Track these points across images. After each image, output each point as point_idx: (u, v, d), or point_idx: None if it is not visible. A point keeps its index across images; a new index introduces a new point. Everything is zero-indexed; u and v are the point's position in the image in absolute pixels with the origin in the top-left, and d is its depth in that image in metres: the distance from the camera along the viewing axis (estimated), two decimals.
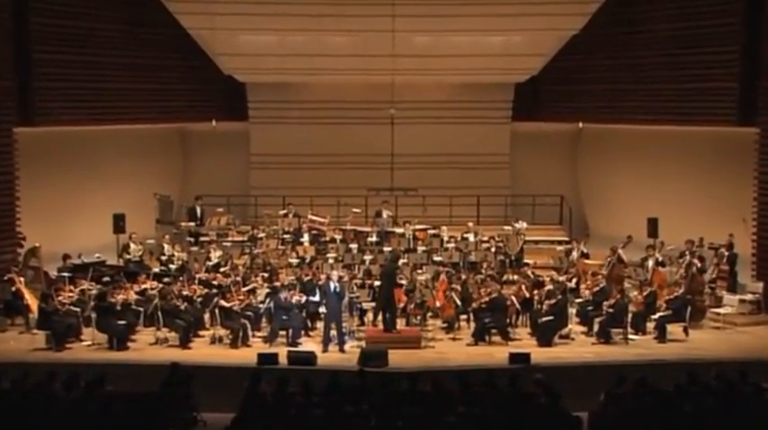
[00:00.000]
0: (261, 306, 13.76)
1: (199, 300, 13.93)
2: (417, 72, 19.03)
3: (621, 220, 18.54)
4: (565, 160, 21.49)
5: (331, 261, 15.53)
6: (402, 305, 13.94)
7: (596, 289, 14.08)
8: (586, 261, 15.91)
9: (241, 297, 13.54)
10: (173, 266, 15.76)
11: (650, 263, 15.16)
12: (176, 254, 16.05)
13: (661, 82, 17.88)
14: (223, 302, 13.24)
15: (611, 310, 13.29)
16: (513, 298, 13.83)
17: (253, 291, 14.07)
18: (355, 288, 14.13)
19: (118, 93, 18.24)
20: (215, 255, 16.06)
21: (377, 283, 13.81)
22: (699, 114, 16.99)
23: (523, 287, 14.08)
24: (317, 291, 13.87)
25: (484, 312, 13.44)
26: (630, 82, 18.61)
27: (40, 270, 14.94)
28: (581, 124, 20.37)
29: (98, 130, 18.09)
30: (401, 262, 15.32)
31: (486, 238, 16.90)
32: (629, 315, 13.54)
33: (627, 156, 19.60)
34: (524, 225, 17.18)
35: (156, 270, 15.50)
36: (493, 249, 16.41)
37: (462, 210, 19.41)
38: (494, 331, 13.35)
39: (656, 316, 13.60)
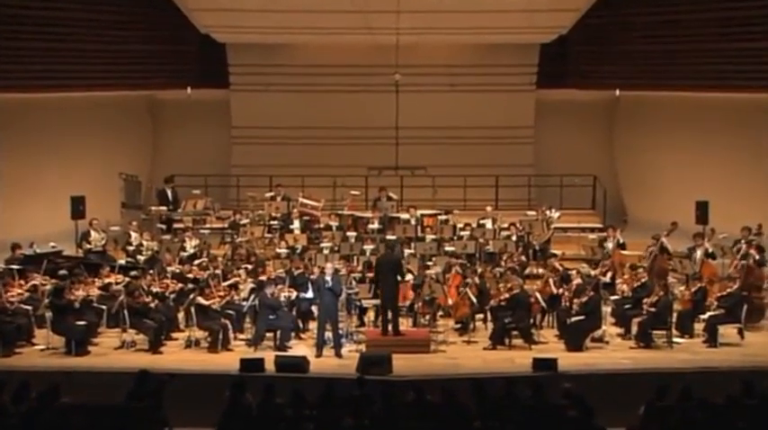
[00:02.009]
0: (244, 303, 13.75)
1: (172, 296, 13.92)
2: (426, 31, 18.94)
3: (665, 204, 18.49)
4: (598, 134, 21.43)
5: (326, 251, 15.53)
6: (408, 302, 13.91)
7: (635, 284, 14.03)
8: (623, 252, 15.86)
9: (221, 293, 13.53)
10: (141, 257, 15.76)
11: (699, 253, 15.10)
12: (145, 243, 16.04)
13: (712, 41, 17.74)
14: (200, 299, 13.23)
15: (652, 309, 13.24)
16: (538, 294, 13.81)
17: (235, 287, 14.04)
18: (354, 283, 14.10)
19: (76, 54, 18.16)
20: (191, 245, 16.07)
21: (372, 275, 13.78)
22: (757, 79, 16.85)
23: (550, 282, 14.04)
24: (310, 286, 13.85)
25: (503, 311, 13.42)
26: (675, 41, 18.47)
27: None
28: (617, 92, 20.28)
29: (53, 98, 18.02)
30: (407, 252, 15.31)
31: (506, 225, 16.89)
32: (675, 314, 13.49)
33: (671, 128, 19.52)
34: (557, 215, 17.14)
35: (122, 262, 15.46)
36: (514, 238, 16.37)
37: (478, 192, 19.40)
38: (515, 333, 13.32)
39: (706, 315, 13.55)
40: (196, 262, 15.23)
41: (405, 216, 17.23)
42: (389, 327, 13.10)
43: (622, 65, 19.64)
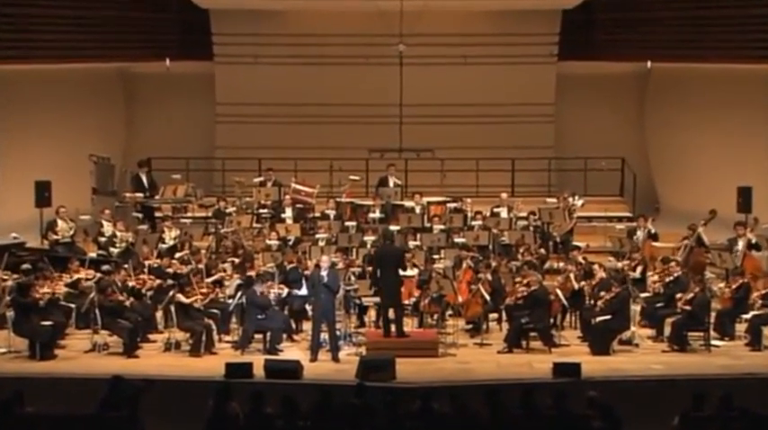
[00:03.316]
0: (230, 302, 13.76)
1: (149, 293, 13.93)
2: None
3: (702, 190, 18.46)
4: (627, 111, 21.38)
5: (321, 243, 15.54)
6: (413, 300, 13.90)
7: (668, 279, 14.01)
8: (655, 243, 15.86)
9: (204, 290, 13.53)
10: (114, 250, 15.77)
11: (741, 245, 15.10)
12: (119, 234, 16.04)
13: (756, 6, 17.67)
14: (181, 297, 13.22)
15: (687, 308, 13.22)
16: (559, 291, 13.80)
17: (220, 283, 14.08)
18: (353, 278, 14.11)
19: (40, 21, 18.08)
20: (170, 236, 16.10)
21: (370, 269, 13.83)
22: None
23: (572, 277, 14.03)
24: (304, 282, 13.85)
25: (520, 310, 13.42)
26: (715, 7, 18.41)
27: None
28: (649, 64, 20.21)
29: (12, 71, 17.96)
30: (412, 244, 15.30)
31: (523, 214, 16.90)
32: (713, 314, 13.47)
33: (710, 104, 19.46)
34: (580, 202, 17.13)
35: (93, 255, 15.47)
36: (532, 228, 16.37)
37: (492, 177, 19.39)
38: (533, 334, 13.32)
39: (749, 315, 13.53)
40: (176, 255, 15.24)
41: (410, 204, 17.23)
42: (392, 328, 13.09)
43: (655, 33, 19.56)
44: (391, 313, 13.22)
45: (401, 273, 13.38)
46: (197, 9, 20.29)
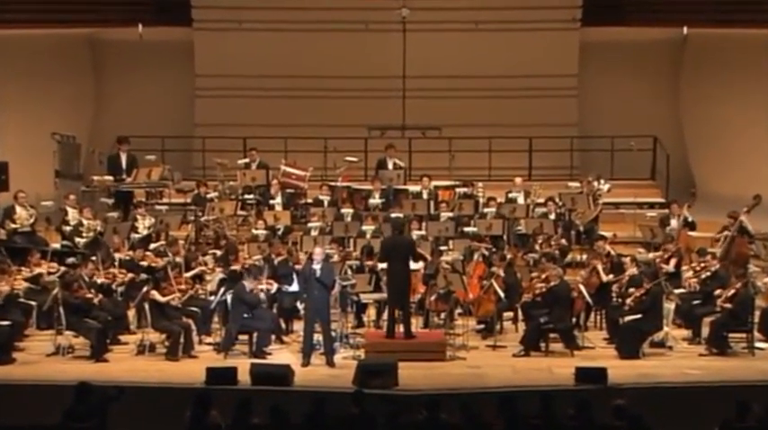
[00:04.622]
0: (212, 299, 13.78)
1: (120, 290, 13.97)
2: None
3: (745, 173, 18.45)
4: (660, 84, 21.37)
5: (314, 233, 15.54)
6: (418, 297, 13.90)
7: (706, 274, 14.02)
8: (692, 233, 15.87)
9: (182, 286, 13.55)
10: (81, 241, 15.76)
11: None
12: (86, 222, 16.06)
13: None
14: (156, 294, 13.24)
15: (728, 306, 13.22)
16: (582, 287, 13.81)
17: (200, 278, 14.11)
18: (350, 272, 14.11)
19: None
20: (144, 225, 16.11)
21: (380, 266, 13.80)
22: None
23: (599, 269, 14.01)
24: (295, 277, 13.88)
25: (538, 308, 13.43)
26: None
27: None
28: (685, 29, 20.18)
29: None
30: (417, 233, 15.29)
31: (542, 200, 16.91)
32: (757, 313, 13.44)
33: (753, 76, 19.50)
34: (607, 187, 17.14)
35: (57, 246, 15.50)
36: (552, 216, 16.37)
37: (507, 158, 19.38)
38: (553, 335, 13.33)
39: None
40: (151, 246, 15.26)
41: (414, 188, 17.21)
42: (399, 328, 13.10)
43: None
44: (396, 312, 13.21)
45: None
46: None
